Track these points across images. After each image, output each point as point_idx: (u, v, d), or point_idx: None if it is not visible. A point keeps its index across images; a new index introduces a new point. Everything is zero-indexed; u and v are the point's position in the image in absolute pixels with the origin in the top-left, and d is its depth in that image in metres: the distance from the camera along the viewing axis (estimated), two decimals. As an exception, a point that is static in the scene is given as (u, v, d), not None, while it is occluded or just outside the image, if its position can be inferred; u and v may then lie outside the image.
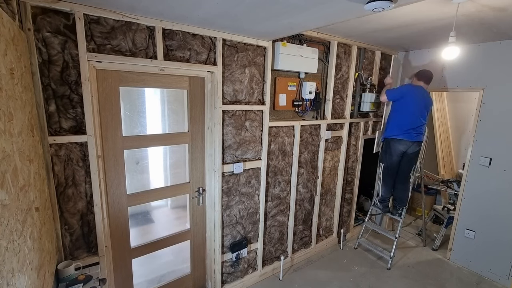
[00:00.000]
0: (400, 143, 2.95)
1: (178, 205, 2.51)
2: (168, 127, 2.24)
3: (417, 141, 2.94)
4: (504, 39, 2.66)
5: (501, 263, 2.85)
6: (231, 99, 2.25)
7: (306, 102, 2.74)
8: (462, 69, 3.00)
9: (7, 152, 0.91)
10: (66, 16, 1.49)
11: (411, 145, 2.94)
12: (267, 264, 2.88)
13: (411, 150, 2.96)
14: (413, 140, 2.92)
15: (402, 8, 1.86)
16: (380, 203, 3.23)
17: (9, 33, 1.05)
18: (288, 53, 2.39)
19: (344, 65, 3.01)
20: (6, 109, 0.93)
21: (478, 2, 1.74)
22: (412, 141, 2.92)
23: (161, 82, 2.00)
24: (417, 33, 2.55)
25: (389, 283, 2.84)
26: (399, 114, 2.96)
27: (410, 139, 2.91)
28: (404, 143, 2.93)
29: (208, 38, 2.02)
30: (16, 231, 0.94)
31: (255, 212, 2.64)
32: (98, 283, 1.62)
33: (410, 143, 2.92)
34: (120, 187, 1.96)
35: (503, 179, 2.78)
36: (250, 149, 2.45)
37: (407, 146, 2.93)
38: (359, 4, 1.30)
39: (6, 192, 0.87)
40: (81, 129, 1.63)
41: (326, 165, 3.17)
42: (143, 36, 1.76)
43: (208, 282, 2.62)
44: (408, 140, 2.91)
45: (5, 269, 0.80)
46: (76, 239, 1.73)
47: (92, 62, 1.63)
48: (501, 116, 2.75)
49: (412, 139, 2.91)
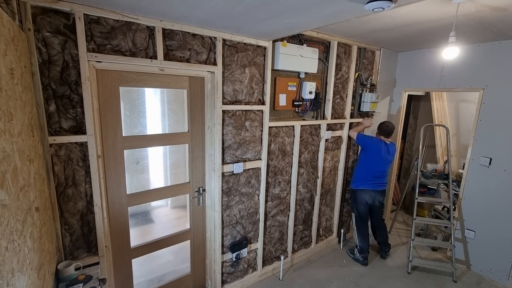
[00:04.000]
0: (363, 192, 3.06)
1: (178, 205, 2.51)
2: (168, 127, 2.24)
3: (380, 190, 3.06)
4: (504, 39, 2.66)
5: (501, 263, 2.85)
6: (231, 99, 2.25)
7: (306, 102, 2.74)
8: (462, 69, 3.00)
9: (7, 152, 0.91)
10: (66, 16, 1.49)
11: (375, 195, 3.04)
12: (267, 264, 2.88)
13: (377, 200, 3.07)
14: (375, 189, 3.03)
15: (402, 8, 1.86)
16: (359, 253, 3.13)
17: (9, 33, 1.05)
18: (288, 53, 2.39)
19: (344, 65, 3.01)
20: (6, 109, 0.93)
21: (478, 2, 1.74)
22: (375, 190, 3.03)
23: (161, 82, 2.00)
24: (417, 33, 2.55)
25: (389, 283, 2.84)
26: (363, 165, 3.08)
27: (372, 189, 3.03)
28: (367, 192, 3.04)
29: (208, 38, 2.02)
30: (16, 231, 0.94)
31: (255, 212, 2.64)
32: (98, 283, 1.62)
33: (373, 192, 3.04)
34: (120, 187, 1.96)
35: (503, 179, 2.78)
36: (250, 149, 2.45)
37: (371, 195, 3.04)
38: (359, 4, 1.30)
39: (6, 192, 0.87)
40: (81, 129, 1.63)
41: (326, 165, 3.17)
42: (143, 36, 1.76)
43: (208, 282, 2.62)
44: (371, 189, 3.03)
45: (5, 269, 0.80)
46: (76, 239, 1.73)
47: (92, 62, 1.63)
48: (501, 116, 2.75)
49: (374, 188, 3.03)
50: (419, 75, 3.40)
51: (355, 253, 3.20)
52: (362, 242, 3.12)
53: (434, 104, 4.23)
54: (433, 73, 3.25)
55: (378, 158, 2.98)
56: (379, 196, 3.07)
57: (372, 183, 3.03)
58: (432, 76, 3.26)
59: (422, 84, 3.38)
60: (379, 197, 3.07)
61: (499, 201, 2.82)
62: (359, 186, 3.09)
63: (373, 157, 3.00)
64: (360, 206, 3.11)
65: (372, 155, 3.00)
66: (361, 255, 3.13)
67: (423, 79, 3.36)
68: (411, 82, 3.49)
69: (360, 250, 3.14)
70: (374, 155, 2.99)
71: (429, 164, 3.82)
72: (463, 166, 3.37)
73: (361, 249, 3.13)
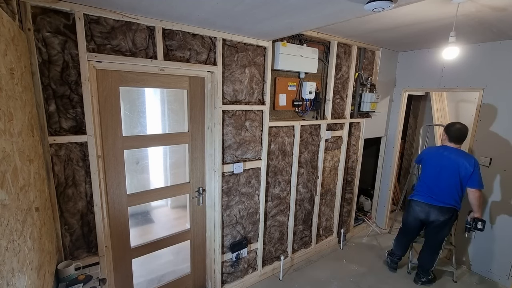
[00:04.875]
0: (416, 204, 2.70)
1: (178, 205, 2.51)
2: (168, 127, 2.24)
3: (438, 205, 2.56)
4: (504, 39, 2.66)
5: (501, 263, 2.85)
6: (231, 99, 2.25)
7: (306, 102, 2.74)
8: (462, 69, 3.00)
9: (7, 152, 0.91)
10: (66, 16, 1.49)
11: (429, 210, 2.61)
12: (267, 264, 2.88)
13: (432, 218, 2.60)
14: (430, 203, 2.59)
15: (402, 8, 1.86)
16: (389, 256, 3.01)
17: (9, 33, 1.05)
18: (288, 53, 2.39)
19: (344, 65, 3.01)
20: (6, 109, 0.93)
21: (478, 2, 1.74)
22: (430, 204, 2.59)
23: (161, 82, 2.00)
24: (417, 33, 2.55)
25: (389, 283, 2.84)
26: (421, 176, 2.79)
27: (427, 202, 2.62)
28: (420, 204, 2.66)
29: (208, 38, 2.02)
30: (16, 231, 0.94)
31: (255, 212, 2.64)
32: (98, 283, 1.62)
33: (428, 206, 2.61)
34: (120, 187, 1.96)
35: (503, 179, 2.78)
36: (250, 149, 2.45)
37: (425, 209, 2.64)
38: (359, 4, 1.30)
39: (6, 192, 0.87)
40: (81, 129, 1.64)
41: (326, 165, 3.17)
42: (143, 36, 1.76)
43: (208, 282, 2.62)
44: (425, 202, 2.63)
45: (5, 269, 0.80)
46: (76, 239, 1.73)
47: (92, 62, 1.63)
48: (501, 116, 2.75)
49: (429, 202, 2.60)
50: (419, 75, 3.40)
51: (386, 256, 3.10)
52: (395, 248, 2.97)
53: (434, 104, 4.23)
54: (433, 73, 3.25)
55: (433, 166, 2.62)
56: (437, 213, 2.58)
57: (426, 197, 2.64)
58: (432, 76, 3.26)
59: (422, 84, 3.38)
60: (437, 213, 2.58)
61: (499, 201, 2.82)
62: (413, 196, 2.77)
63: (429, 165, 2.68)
64: (408, 216, 2.80)
65: (427, 162, 2.70)
66: (389, 258, 3.01)
67: (423, 79, 3.36)
68: (411, 82, 3.49)
69: (391, 253, 3.02)
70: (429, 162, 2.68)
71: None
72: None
73: (392, 253, 2.99)
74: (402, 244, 2.92)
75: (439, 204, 2.56)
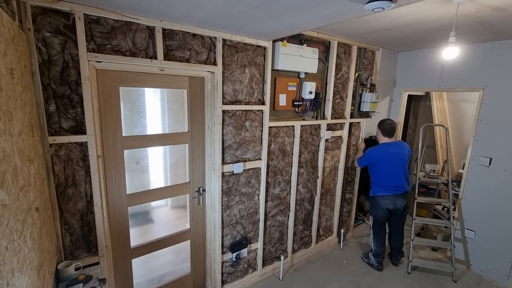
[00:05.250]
0: (383, 198, 2.92)
1: (178, 205, 2.51)
2: (168, 127, 2.24)
3: (400, 193, 2.90)
4: (504, 39, 2.66)
5: (501, 263, 2.85)
6: (231, 99, 2.25)
7: (306, 102, 2.73)
8: (462, 69, 3.00)
9: (7, 152, 0.91)
10: (66, 16, 1.49)
11: (395, 200, 2.90)
12: (267, 264, 2.88)
13: (399, 205, 2.91)
14: (395, 193, 2.89)
15: (402, 8, 1.86)
16: (374, 258, 3.05)
17: (9, 33, 1.05)
18: (288, 53, 2.39)
19: (344, 65, 3.01)
20: (6, 109, 0.93)
21: (478, 2, 1.74)
22: (395, 194, 2.89)
23: (161, 82, 2.00)
24: (417, 33, 2.55)
25: (389, 283, 2.84)
26: (376, 174, 2.97)
27: (392, 193, 2.89)
28: (387, 198, 2.90)
29: (208, 38, 2.02)
30: (16, 231, 0.94)
31: (255, 212, 2.64)
32: (98, 283, 1.62)
33: (393, 197, 2.89)
34: (120, 187, 1.96)
35: (503, 179, 2.78)
36: (250, 149, 2.45)
37: (392, 201, 2.90)
38: (359, 4, 1.30)
39: (6, 192, 0.87)
40: (81, 129, 1.63)
41: (326, 165, 3.17)
42: (143, 36, 1.76)
43: (208, 282, 2.62)
44: (391, 194, 2.89)
45: (5, 269, 0.80)
46: (76, 239, 1.73)
47: (92, 62, 1.63)
48: (501, 116, 2.75)
49: (394, 192, 2.89)
50: (419, 75, 3.40)
51: (369, 258, 3.11)
52: (377, 247, 3.03)
53: (434, 104, 4.23)
54: (433, 73, 3.25)
55: (387, 163, 2.87)
56: (401, 200, 2.91)
57: (390, 189, 2.89)
58: (432, 76, 3.26)
59: (422, 84, 3.38)
60: (401, 201, 2.92)
61: (499, 201, 2.82)
62: (377, 192, 2.96)
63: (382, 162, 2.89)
64: (378, 211, 2.98)
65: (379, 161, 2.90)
66: (375, 259, 3.04)
67: (423, 79, 3.36)
68: (411, 82, 3.49)
69: (375, 255, 3.05)
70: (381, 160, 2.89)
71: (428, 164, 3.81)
72: (463, 166, 3.37)
73: (376, 254, 3.04)
74: (382, 240, 3.06)
75: (401, 192, 2.92)
